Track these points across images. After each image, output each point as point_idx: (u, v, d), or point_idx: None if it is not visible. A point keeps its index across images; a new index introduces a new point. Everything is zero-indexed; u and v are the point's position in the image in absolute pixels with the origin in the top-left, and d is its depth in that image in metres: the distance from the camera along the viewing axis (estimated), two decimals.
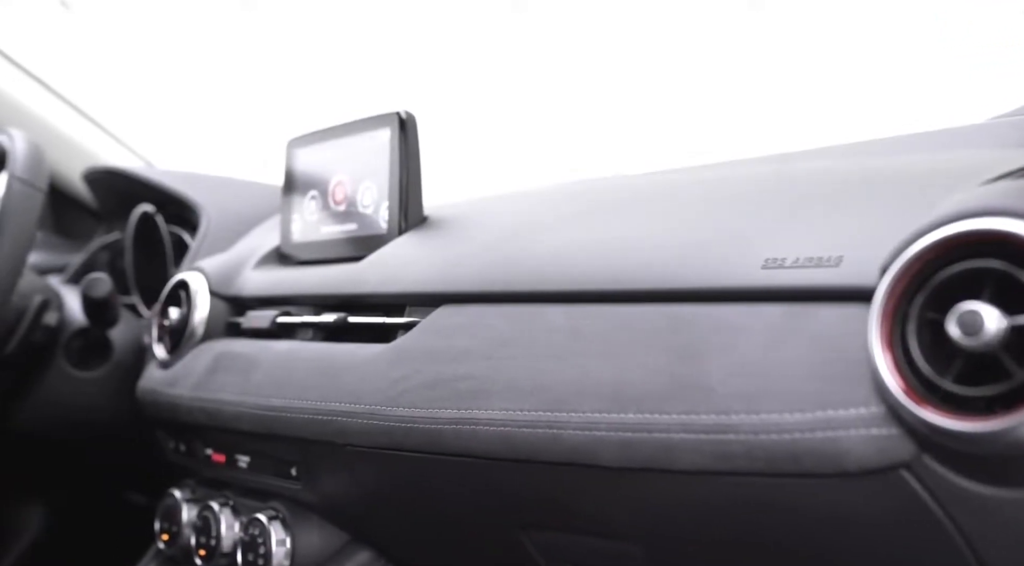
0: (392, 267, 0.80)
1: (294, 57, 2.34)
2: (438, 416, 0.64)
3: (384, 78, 2.21)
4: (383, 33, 2.23)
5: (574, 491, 0.58)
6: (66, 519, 1.45)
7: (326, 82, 2.27)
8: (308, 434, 0.75)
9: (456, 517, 0.69)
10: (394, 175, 0.87)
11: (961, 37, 1.41)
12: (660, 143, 1.74)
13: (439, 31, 2.16)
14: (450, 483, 0.67)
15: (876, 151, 0.70)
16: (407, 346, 0.71)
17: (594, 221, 0.68)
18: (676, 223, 0.61)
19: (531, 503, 0.62)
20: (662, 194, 0.68)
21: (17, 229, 0.94)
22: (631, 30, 1.80)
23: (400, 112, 0.87)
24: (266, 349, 0.85)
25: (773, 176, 0.64)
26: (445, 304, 0.72)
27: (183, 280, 1.00)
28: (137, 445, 1.15)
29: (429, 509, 0.71)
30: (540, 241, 0.69)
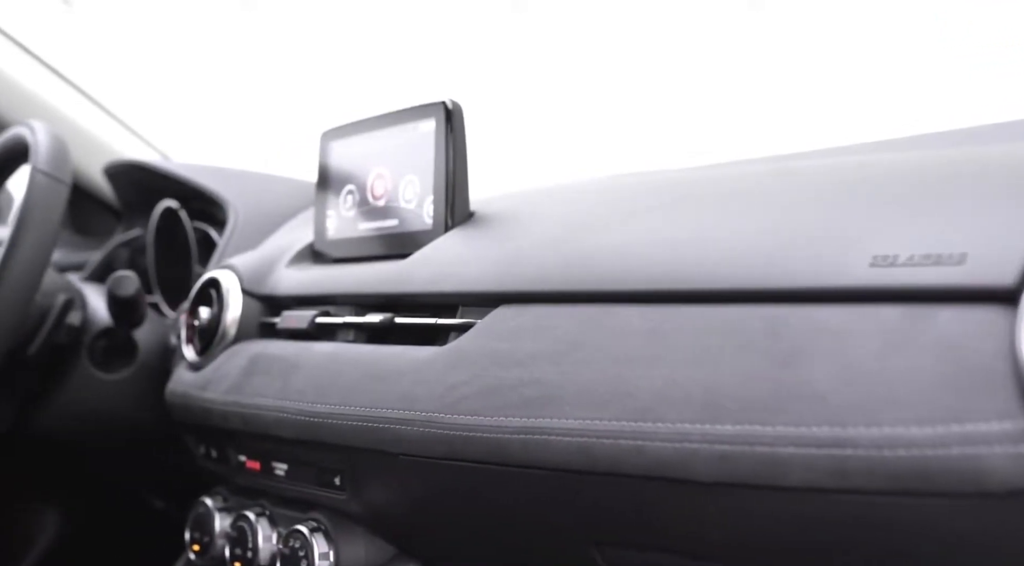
0: (441, 265, 0.76)
1: (298, 51, 2.30)
2: (503, 425, 0.60)
3: (389, 73, 2.18)
4: (390, 28, 2.20)
5: (658, 507, 0.54)
6: (82, 524, 1.41)
7: (325, 77, 2.24)
8: (356, 442, 0.71)
9: (521, 531, 0.65)
10: (440, 168, 0.82)
11: (961, 37, 1.39)
12: (661, 142, 1.71)
13: (446, 25, 2.13)
14: (515, 496, 0.62)
15: (964, 140, 0.66)
16: (464, 349, 0.66)
17: (668, 216, 0.64)
18: (765, 218, 0.57)
19: (608, 518, 0.58)
20: (742, 187, 0.64)
21: (42, 224, 0.90)
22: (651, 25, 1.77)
23: (446, 101, 0.83)
24: (306, 351, 0.80)
25: (865, 168, 0.60)
26: (503, 304, 0.68)
27: (214, 278, 0.96)
28: (161, 450, 1.11)
29: (490, 522, 0.67)
30: (608, 237, 0.65)
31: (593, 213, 0.70)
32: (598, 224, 0.67)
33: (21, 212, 0.90)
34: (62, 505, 1.40)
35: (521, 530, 0.65)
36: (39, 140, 0.96)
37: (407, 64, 2.26)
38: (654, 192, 0.71)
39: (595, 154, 1.81)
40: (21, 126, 1.03)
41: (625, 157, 1.77)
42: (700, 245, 0.58)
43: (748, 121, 1.64)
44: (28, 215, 0.90)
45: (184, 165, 1.18)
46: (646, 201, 0.69)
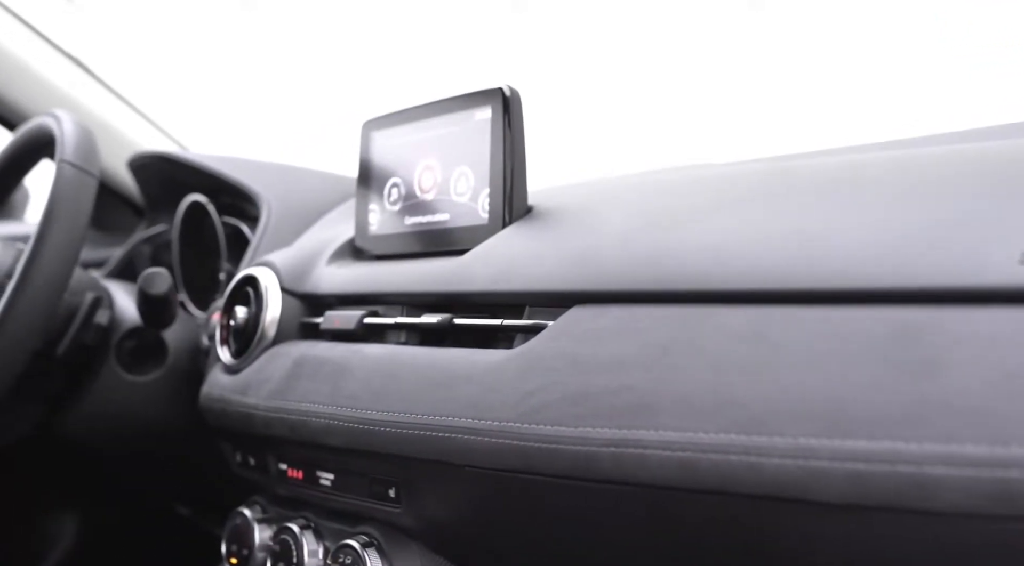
0: (504, 262, 0.71)
1: (302, 46, 2.27)
2: (590, 436, 0.55)
3: (392, 70, 2.14)
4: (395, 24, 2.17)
5: (770, 529, 0.49)
6: (102, 531, 1.36)
7: (329, 72, 2.21)
8: (417, 452, 0.66)
9: (607, 552, 0.60)
10: (497, 160, 0.77)
11: (961, 37, 1.36)
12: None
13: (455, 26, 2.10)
14: (600, 513, 0.57)
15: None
16: (539, 352, 0.61)
17: (764, 208, 0.59)
18: (884, 210, 0.52)
19: (712, 542, 0.53)
20: (845, 177, 0.59)
21: (70, 218, 0.85)
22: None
23: (503, 88, 0.78)
24: (357, 354, 0.75)
25: (984, 157, 0.55)
26: (578, 305, 0.63)
27: (251, 276, 0.91)
28: (190, 455, 1.06)
29: (565, 541, 0.62)
30: (696, 231, 0.59)
31: (672, 207, 0.65)
32: (681, 218, 0.62)
33: (48, 206, 0.85)
34: (81, 510, 1.36)
35: (609, 551, 0.60)
36: (65, 130, 0.91)
37: (415, 59, 2.22)
38: (737, 184, 0.66)
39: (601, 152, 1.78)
40: (45, 116, 0.98)
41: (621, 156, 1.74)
42: (809, 240, 0.52)
43: (768, 120, 1.61)
44: (56, 209, 0.85)
45: (214, 157, 1.13)
46: (731, 193, 0.64)
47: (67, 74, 1.36)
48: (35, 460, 1.17)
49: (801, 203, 0.57)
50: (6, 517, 1.30)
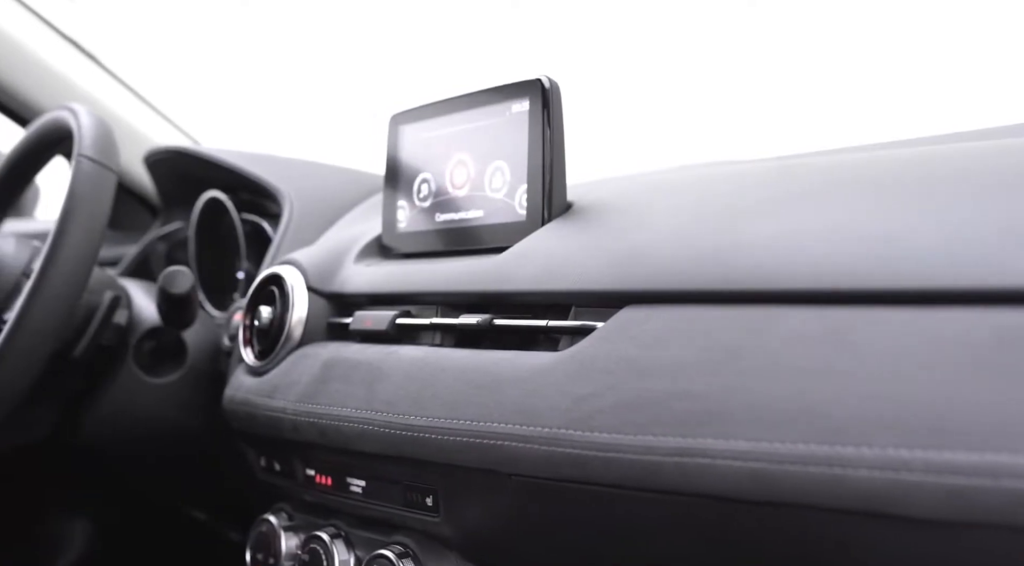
0: (547, 260, 0.67)
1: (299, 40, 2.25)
2: (652, 445, 0.52)
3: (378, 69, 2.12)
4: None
5: (854, 545, 0.46)
6: (114, 535, 1.33)
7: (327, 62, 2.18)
8: (460, 459, 0.63)
9: (660, 564, 0.56)
10: (535, 154, 0.74)
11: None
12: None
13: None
14: (659, 526, 0.54)
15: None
16: (591, 355, 0.58)
17: (833, 204, 0.55)
18: (979, 206, 0.49)
19: (782, 557, 0.49)
20: (925, 172, 0.55)
21: (90, 215, 0.82)
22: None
23: (542, 79, 0.75)
24: (392, 356, 0.72)
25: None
26: (629, 305, 0.60)
27: (275, 274, 0.88)
28: (208, 459, 1.03)
29: (620, 553, 0.59)
30: (760, 228, 0.56)
31: (727, 202, 0.62)
32: (741, 214, 0.59)
33: (67, 202, 0.82)
34: (93, 513, 1.33)
35: (656, 563, 0.57)
36: (82, 123, 0.88)
37: (427, 54, 2.19)
38: (793, 179, 0.63)
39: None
40: (61, 109, 0.95)
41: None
42: (893, 236, 0.49)
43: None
44: (74, 205, 0.82)
45: (233, 152, 1.10)
46: (790, 188, 0.61)
47: (78, 67, 1.33)
48: (48, 462, 1.14)
49: (873, 198, 0.54)
50: (17, 520, 1.27)
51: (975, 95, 1.34)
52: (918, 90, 1.43)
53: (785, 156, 0.85)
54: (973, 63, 1.35)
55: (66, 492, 1.28)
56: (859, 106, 1.53)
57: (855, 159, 0.62)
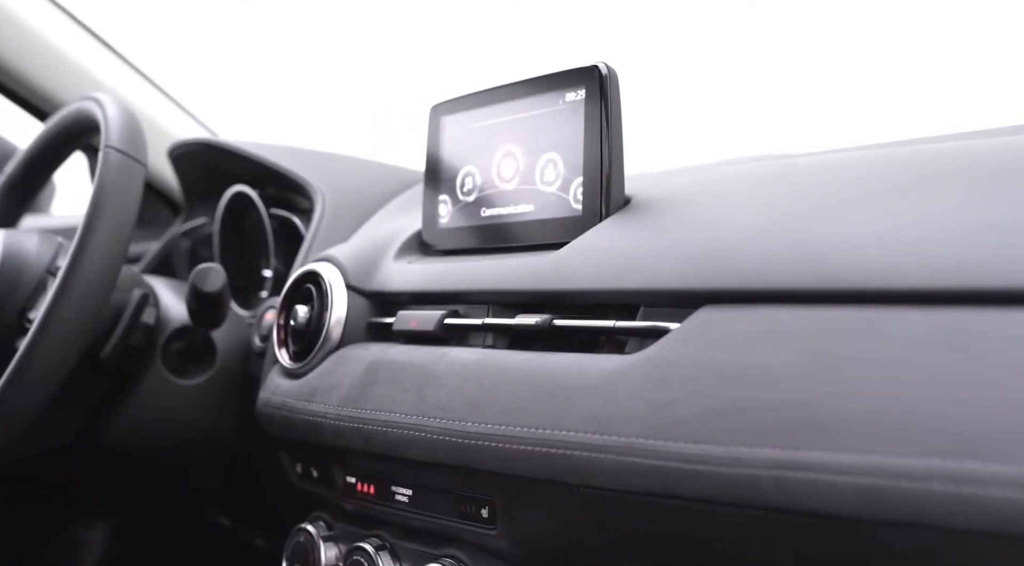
0: (612, 258, 0.63)
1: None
2: (747, 457, 0.48)
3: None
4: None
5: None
6: (134, 540, 1.29)
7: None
8: (523, 470, 0.59)
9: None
10: (592, 145, 0.70)
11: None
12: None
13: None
14: (748, 543, 0.50)
15: None
16: (668, 359, 0.54)
17: (937, 198, 0.51)
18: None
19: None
20: (1017, 162, 0.51)
21: (119, 209, 0.78)
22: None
23: (599, 65, 0.71)
24: (443, 358, 0.68)
25: None
26: (707, 305, 0.56)
27: (312, 272, 0.84)
28: (237, 464, 1.00)
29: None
30: (858, 222, 0.52)
31: (810, 197, 0.58)
32: (831, 209, 0.55)
33: (95, 196, 0.78)
34: (114, 518, 1.29)
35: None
36: (109, 114, 0.84)
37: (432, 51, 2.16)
38: (877, 172, 0.59)
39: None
40: (85, 99, 0.91)
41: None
42: (1015, 231, 0.45)
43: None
44: (103, 199, 0.78)
45: (262, 145, 1.06)
46: (878, 182, 0.57)
47: (97, 57, 1.29)
48: (70, 466, 1.10)
49: (974, 190, 0.50)
50: (35, 524, 1.23)
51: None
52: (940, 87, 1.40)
53: (839, 149, 0.80)
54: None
55: (85, 496, 1.24)
56: (887, 103, 1.49)
57: (925, 151, 0.59)
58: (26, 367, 0.73)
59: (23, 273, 0.86)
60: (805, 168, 0.66)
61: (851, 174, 0.60)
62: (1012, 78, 1.32)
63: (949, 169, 0.55)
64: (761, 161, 0.79)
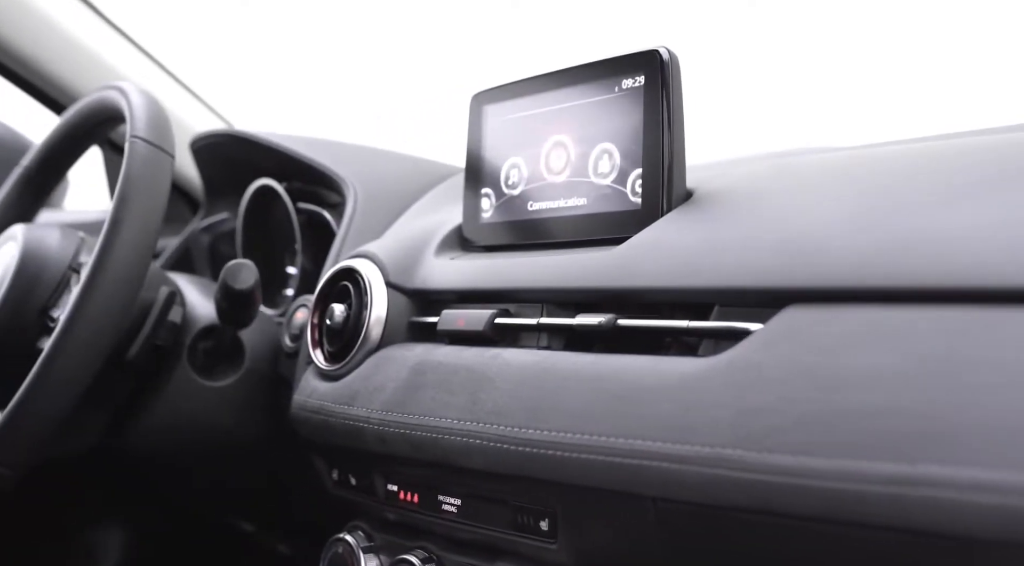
0: (680, 254, 0.59)
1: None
2: (855, 471, 0.43)
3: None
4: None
5: None
6: (152, 545, 1.25)
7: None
8: (590, 480, 0.55)
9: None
10: (652, 135, 0.66)
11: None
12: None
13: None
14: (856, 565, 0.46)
15: None
16: (754, 362, 0.50)
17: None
18: None
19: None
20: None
21: (147, 202, 0.74)
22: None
23: (660, 50, 0.67)
24: (497, 360, 0.64)
25: None
26: (793, 304, 0.52)
27: (349, 268, 0.80)
28: (264, 469, 0.96)
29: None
30: (964, 216, 0.48)
31: (900, 190, 0.54)
32: (917, 204, 0.51)
33: (122, 188, 0.74)
34: (131, 522, 1.25)
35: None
36: (134, 103, 0.80)
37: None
38: (964, 165, 0.55)
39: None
40: (108, 88, 0.87)
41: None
42: None
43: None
44: (130, 191, 0.74)
45: (290, 137, 1.02)
46: (971, 175, 0.53)
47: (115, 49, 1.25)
48: (90, 469, 1.06)
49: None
50: (54, 527, 1.19)
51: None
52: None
53: (889, 142, 0.76)
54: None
55: (104, 499, 1.20)
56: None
57: (997, 143, 0.55)
58: (51, 368, 0.69)
59: (44, 270, 0.82)
60: (872, 161, 0.62)
61: (932, 166, 0.57)
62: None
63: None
64: (813, 154, 0.75)
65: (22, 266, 0.81)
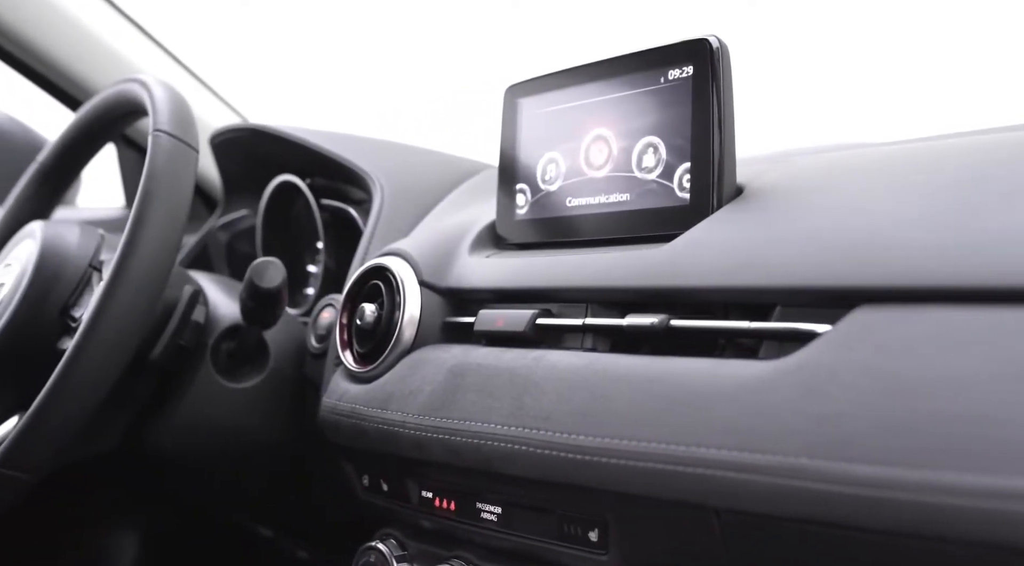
0: (737, 251, 0.57)
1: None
2: (944, 483, 0.41)
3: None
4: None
5: None
6: (165, 548, 1.23)
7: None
8: (648, 489, 0.52)
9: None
10: (701, 128, 0.64)
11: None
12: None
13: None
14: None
15: None
16: (826, 365, 0.47)
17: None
18: None
19: None
20: None
21: (172, 197, 0.72)
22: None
23: (709, 39, 0.64)
24: (541, 362, 0.61)
25: None
26: (863, 304, 0.49)
27: (381, 266, 0.77)
28: (288, 473, 0.93)
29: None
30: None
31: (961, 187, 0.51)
32: (992, 200, 0.49)
33: (145, 183, 0.71)
34: (145, 525, 1.23)
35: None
36: (157, 96, 0.77)
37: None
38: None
39: None
40: (128, 81, 0.84)
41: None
42: None
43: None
44: (154, 186, 0.71)
45: (314, 132, 1.00)
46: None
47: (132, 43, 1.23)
48: (104, 470, 1.04)
49: None
50: (68, 529, 1.17)
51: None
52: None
53: (942, 136, 0.74)
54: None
55: (119, 501, 1.18)
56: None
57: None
58: (74, 370, 0.67)
59: (64, 268, 0.79)
60: (930, 156, 0.59)
61: (998, 160, 0.54)
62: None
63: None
64: (859, 149, 0.72)
65: (41, 264, 0.79)
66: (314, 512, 0.96)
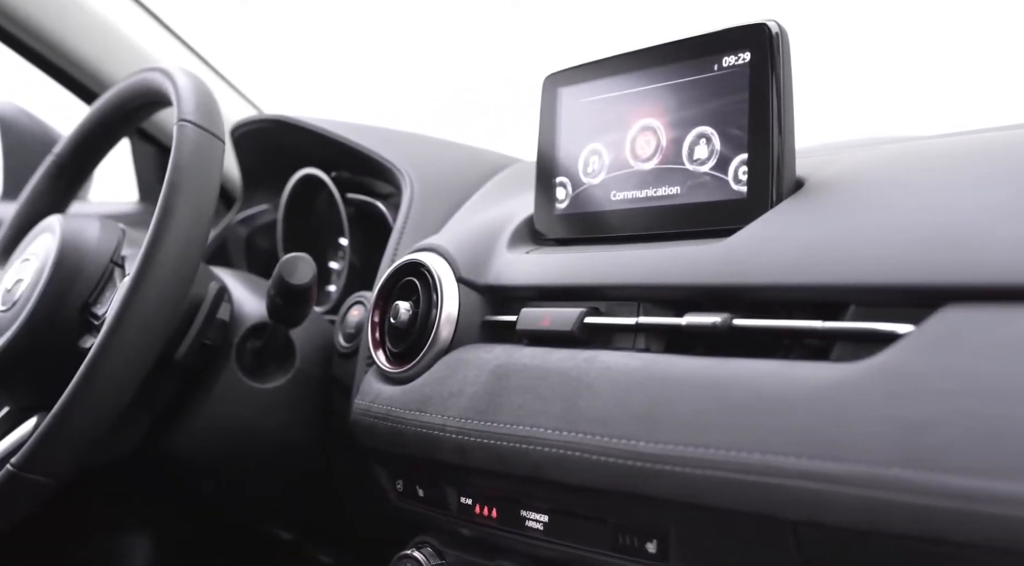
0: (806, 247, 0.53)
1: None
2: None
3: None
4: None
5: None
6: (178, 551, 1.20)
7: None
8: (717, 500, 0.49)
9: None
10: (760, 118, 0.60)
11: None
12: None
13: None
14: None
15: None
16: (915, 369, 0.44)
17: None
18: None
19: None
20: None
21: (199, 190, 0.69)
22: None
23: (769, 24, 0.61)
24: (593, 364, 0.58)
25: None
26: (950, 303, 0.46)
27: (416, 262, 0.74)
28: (313, 476, 0.90)
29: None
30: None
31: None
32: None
33: (172, 175, 0.68)
34: (158, 528, 1.20)
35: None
36: (181, 85, 0.74)
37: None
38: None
39: None
40: (150, 70, 0.81)
41: None
42: None
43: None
44: (181, 178, 0.68)
45: (339, 124, 0.96)
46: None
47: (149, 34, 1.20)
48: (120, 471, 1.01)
49: None
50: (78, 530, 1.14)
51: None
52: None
53: (993, 128, 0.71)
54: None
55: (133, 502, 1.15)
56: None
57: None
58: (98, 371, 0.64)
59: (84, 264, 0.76)
60: (994, 148, 0.56)
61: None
62: None
63: None
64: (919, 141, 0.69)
65: (61, 259, 0.76)
66: (339, 517, 0.93)
